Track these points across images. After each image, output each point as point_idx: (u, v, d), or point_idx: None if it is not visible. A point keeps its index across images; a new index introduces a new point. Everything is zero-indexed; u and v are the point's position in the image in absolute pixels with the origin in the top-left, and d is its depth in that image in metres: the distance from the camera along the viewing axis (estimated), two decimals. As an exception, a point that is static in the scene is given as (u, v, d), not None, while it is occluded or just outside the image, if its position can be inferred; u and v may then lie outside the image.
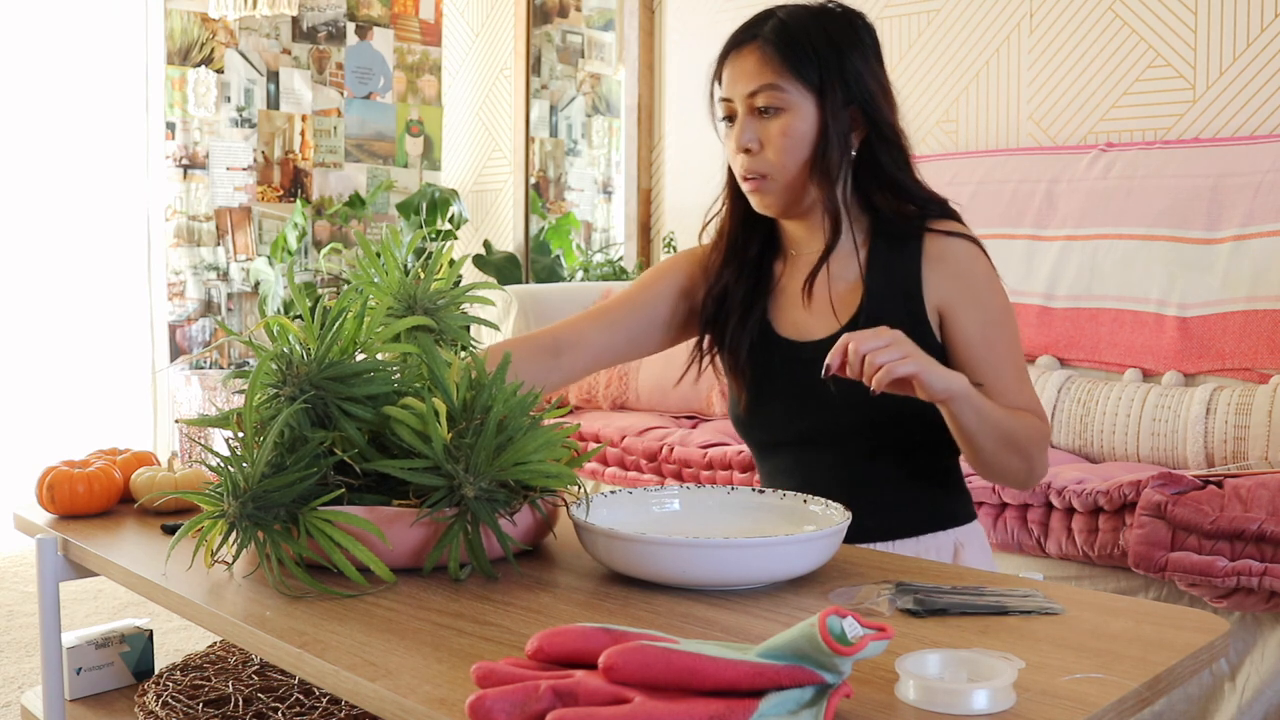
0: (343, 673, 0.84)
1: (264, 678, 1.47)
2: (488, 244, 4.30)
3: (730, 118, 1.39)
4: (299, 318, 1.13)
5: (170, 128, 4.05)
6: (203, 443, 1.20)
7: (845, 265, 1.39)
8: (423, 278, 1.25)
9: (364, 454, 1.08)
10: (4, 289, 3.81)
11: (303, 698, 1.40)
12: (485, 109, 4.57)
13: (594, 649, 0.74)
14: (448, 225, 4.27)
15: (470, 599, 1.00)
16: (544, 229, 4.41)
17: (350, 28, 4.49)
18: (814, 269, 1.39)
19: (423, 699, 0.78)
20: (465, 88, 4.66)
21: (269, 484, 1.03)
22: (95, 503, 1.38)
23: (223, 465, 1.05)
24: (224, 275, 4.21)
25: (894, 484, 1.37)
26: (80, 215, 3.95)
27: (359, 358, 1.13)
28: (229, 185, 4.20)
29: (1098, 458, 2.35)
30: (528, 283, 4.27)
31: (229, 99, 4.17)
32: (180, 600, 1.06)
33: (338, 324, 1.11)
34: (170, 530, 1.29)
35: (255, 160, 4.26)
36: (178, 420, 1.16)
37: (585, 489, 1.13)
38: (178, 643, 2.59)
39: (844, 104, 1.34)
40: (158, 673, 1.52)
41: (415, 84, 4.69)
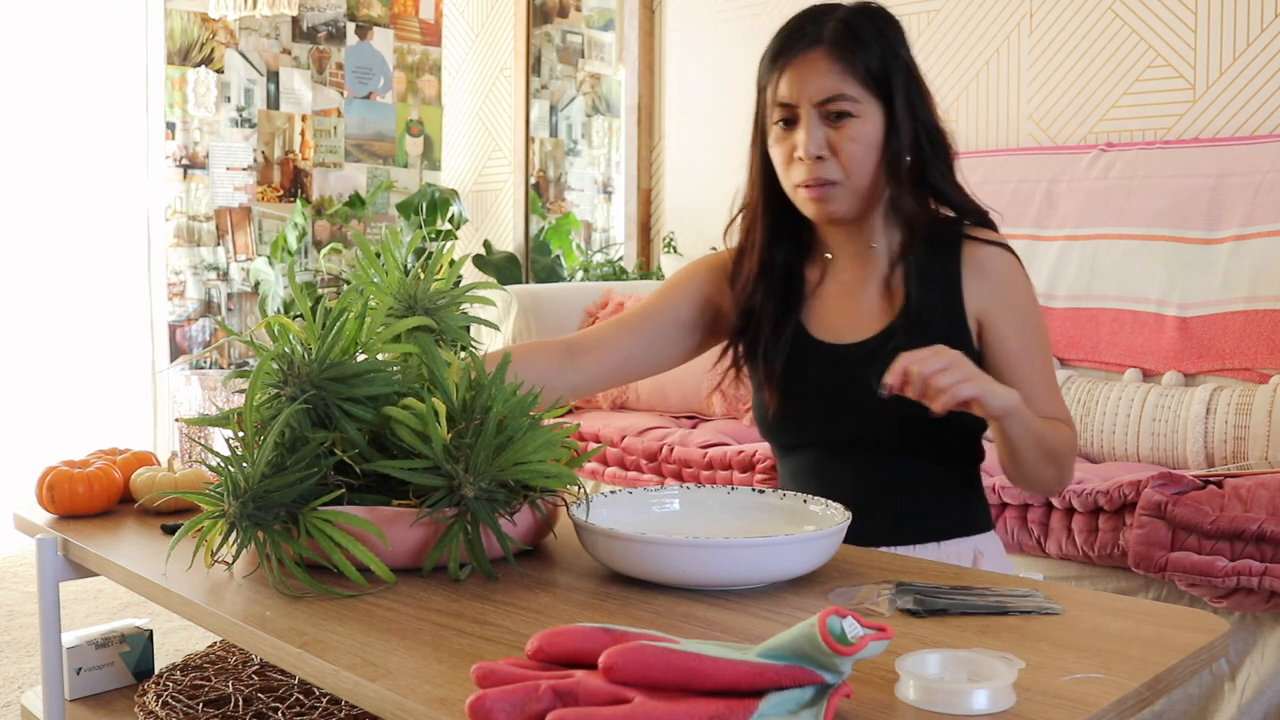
0: (343, 673, 0.84)
1: (264, 678, 1.47)
2: (488, 244, 4.30)
3: (787, 121, 1.34)
4: (299, 318, 1.13)
5: (170, 128, 4.05)
6: (203, 443, 1.20)
7: (882, 268, 1.39)
8: (422, 278, 1.25)
9: (364, 454, 1.08)
10: (4, 289, 3.81)
11: (303, 698, 1.40)
12: (485, 109, 4.57)
13: (594, 649, 0.74)
14: (448, 225, 4.27)
15: (470, 599, 1.00)
16: (544, 229, 4.40)
17: (350, 28, 4.49)
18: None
19: (423, 699, 0.78)
20: (465, 88, 4.66)
21: (269, 484, 1.03)
22: (95, 503, 1.38)
23: (223, 465, 1.05)
24: (224, 275, 4.21)
25: (918, 488, 1.37)
26: (80, 215, 3.95)
27: (360, 358, 1.13)
28: (229, 185, 4.20)
29: (1098, 458, 2.35)
30: (528, 283, 4.27)
31: (229, 99, 4.17)
32: (180, 600, 1.06)
33: (339, 324, 1.11)
34: (170, 530, 1.29)
35: (255, 160, 4.25)
36: (177, 420, 1.16)
37: (585, 489, 1.13)
38: (178, 643, 2.59)
39: (906, 107, 1.33)
40: (158, 673, 1.52)
41: (415, 84, 4.69)
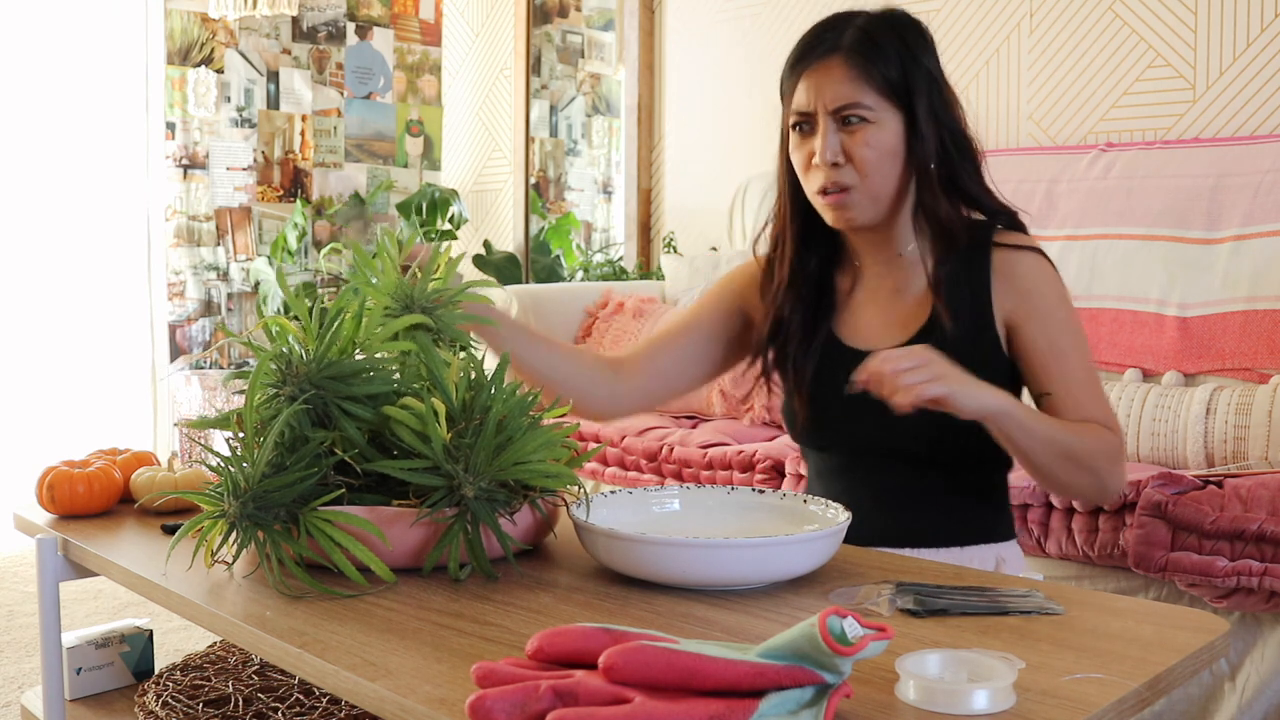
0: (343, 673, 0.84)
1: (264, 678, 1.47)
2: (488, 244, 4.30)
3: (801, 126, 1.35)
4: (298, 318, 1.13)
5: (170, 128, 4.05)
6: (203, 443, 1.20)
7: (912, 274, 1.39)
8: (419, 277, 1.24)
9: (364, 454, 1.08)
10: (4, 289, 3.81)
11: (303, 698, 1.40)
12: (485, 109, 4.57)
13: (594, 649, 0.74)
14: (448, 225, 4.27)
15: (470, 599, 1.00)
16: (544, 229, 4.40)
17: (350, 28, 4.48)
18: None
19: (423, 699, 0.78)
20: (465, 88, 4.66)
21: (269, 484, 1.03)
22: (95, 503, 1.38)
23: (223, 465, 1.05)
24: (224, 275, 4.21)
25: (943, 494, 1.37)
26: (80, 215, 3.95)
27: (358, 357, 1.13)
28: (229, 185, 4.20)
29: (1098, 458, 2.35)
30: (528, 283, 4.27)
31: (229, 99, 4.17)
32: (180, 600, 1.06)
33: (337, 324, 1.11)
34: (170, 530, 1.29)
35: (255, 160, 4.25)
36: (177, 423, 1.16)
37: (585, 489, 1.13)
38: (178, 643, 2.59)
39: (928, 114, 1.32)
40: (158, 673, 1.52)
41: (415, 84, 4.69)
